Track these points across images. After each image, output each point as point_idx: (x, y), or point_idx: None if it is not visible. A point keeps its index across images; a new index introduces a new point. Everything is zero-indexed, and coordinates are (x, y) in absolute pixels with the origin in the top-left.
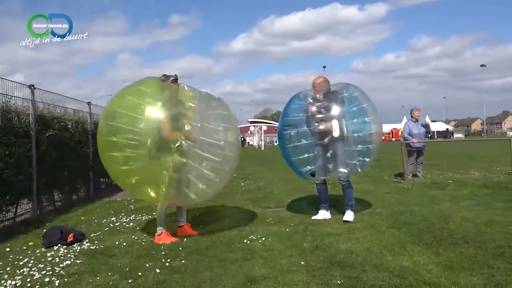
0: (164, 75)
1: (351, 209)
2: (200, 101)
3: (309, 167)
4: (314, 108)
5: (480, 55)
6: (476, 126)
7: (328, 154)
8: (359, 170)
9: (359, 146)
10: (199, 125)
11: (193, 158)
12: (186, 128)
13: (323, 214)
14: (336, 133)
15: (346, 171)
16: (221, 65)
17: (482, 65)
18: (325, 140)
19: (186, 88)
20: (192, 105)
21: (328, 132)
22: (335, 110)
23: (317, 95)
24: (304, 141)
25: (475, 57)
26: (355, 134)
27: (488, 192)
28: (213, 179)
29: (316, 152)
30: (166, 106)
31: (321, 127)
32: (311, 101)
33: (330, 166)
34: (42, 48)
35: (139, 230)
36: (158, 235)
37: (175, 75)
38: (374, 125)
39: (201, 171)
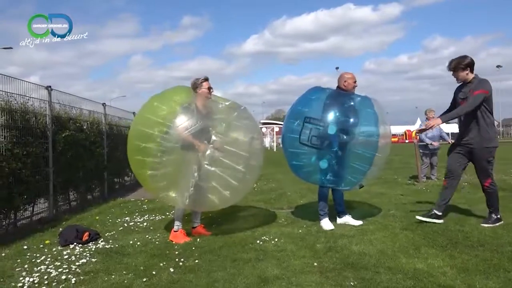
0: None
1: (347, 214)
2: (225, 111)
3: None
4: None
5: (495, 56)
6: None
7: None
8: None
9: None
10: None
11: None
12: (214, 138)
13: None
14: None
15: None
16: (232, 66)
17: (498, 66)
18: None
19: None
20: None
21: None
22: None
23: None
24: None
25: (490, 58)
26: (360, 139)
27: (504, 195)
28: (222, 191)
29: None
30: (192, 115)
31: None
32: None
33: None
34: (55, 51)
35: (153, 230)
36: (175, 231)
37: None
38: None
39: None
